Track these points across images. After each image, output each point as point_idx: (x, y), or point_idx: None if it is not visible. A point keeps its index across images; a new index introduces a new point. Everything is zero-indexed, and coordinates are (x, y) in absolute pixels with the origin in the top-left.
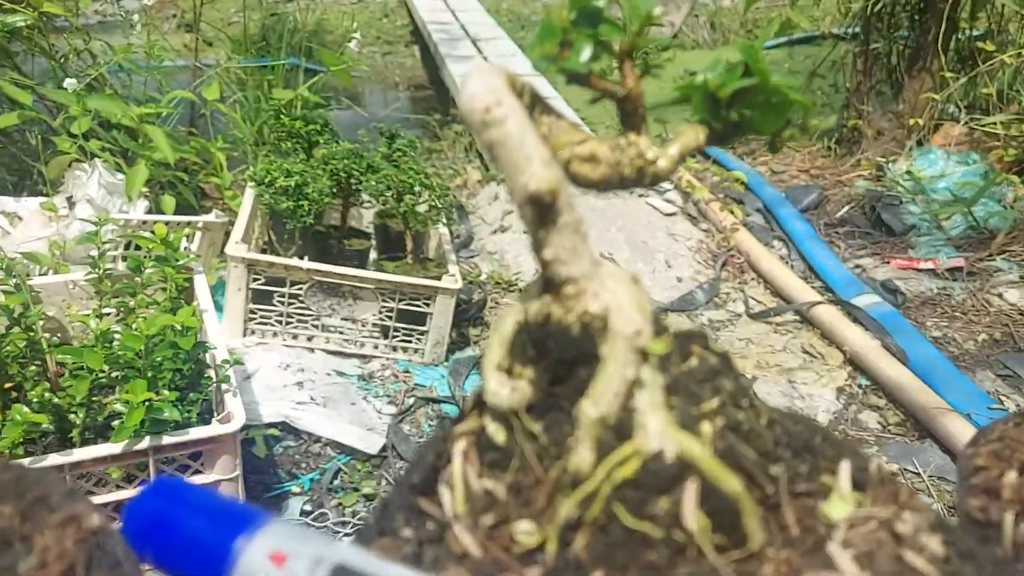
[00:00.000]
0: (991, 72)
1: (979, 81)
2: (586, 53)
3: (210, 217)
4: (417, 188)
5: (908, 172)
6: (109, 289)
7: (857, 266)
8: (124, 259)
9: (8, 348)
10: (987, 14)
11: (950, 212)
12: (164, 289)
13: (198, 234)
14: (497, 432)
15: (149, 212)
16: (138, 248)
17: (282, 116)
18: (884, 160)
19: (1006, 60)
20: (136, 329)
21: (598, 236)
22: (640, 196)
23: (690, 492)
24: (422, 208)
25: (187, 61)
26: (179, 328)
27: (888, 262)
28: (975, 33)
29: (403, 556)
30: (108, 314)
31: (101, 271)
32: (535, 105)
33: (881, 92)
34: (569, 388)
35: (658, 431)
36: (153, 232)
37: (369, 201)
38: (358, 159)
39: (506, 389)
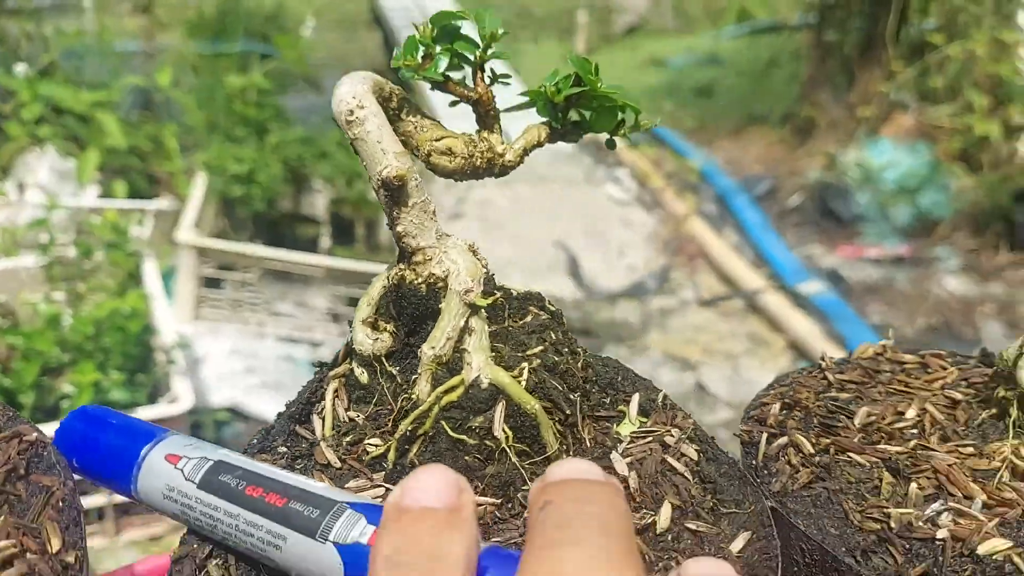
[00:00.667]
0: (940, 64)
1: (929, 73)
2: (443, 64)
3: (161, 203)
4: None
5: (858, 162)
6: (59, 274)
7: (805, 254)
8: (75, 244)
9: None
10: (939, 7)
11: (897, 201)
12: (114, 274)
13: (149, 220)
14: (362, 375)
15: (101, 198)
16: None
17: (235, 103)
18: (832, 149)
19: (951, 53)
20: (85, 313)
21: (552, 224)
22: (596, 185)
23: (499, 411)
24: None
25: (141, 45)
26: (127, 312)
27: (835, 250)
28: (927, 26)
29: (277, 465)
30: (58, 300)
31: (51, 257)
32: (402, 107)
33: (835, 83)
34: (420, 338)
35: (479, 366)
36: (103, 218)
37: (320, 188)
38: (310, 145)
39: (370, 340)
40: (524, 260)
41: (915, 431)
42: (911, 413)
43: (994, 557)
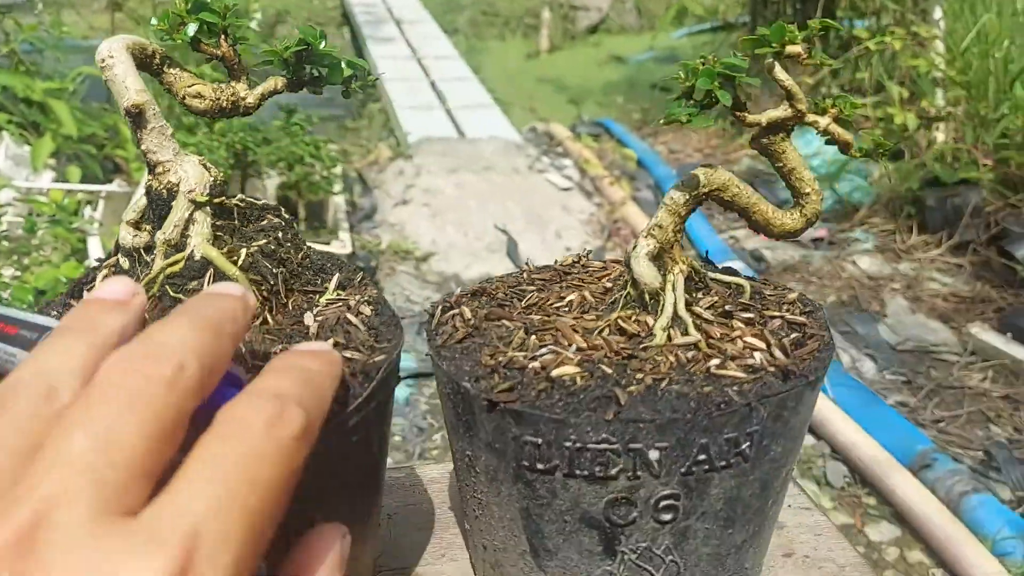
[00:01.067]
0: (866, 58)
1: (852, 66)
2: (192, 29)
3: (112, 187)
4: (308, 159)
5: None
6: (5, 250)
7: (732, 237)
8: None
9: None
10: (866, 5)
11: (820, 187)
12: (57, 248)
13: (101, 203)
14: (124, 263)
15: (55, 183)
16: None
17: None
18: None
19: (870, 47)
20: (25, 282)
21: (495, 209)
22: (539, 172)
23: (208, 276)
24: (316, 178)
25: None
26: (65, 281)
27: (759, 233)
28: (857, 23)
29: None
30: (7, 273)
31: None
32: (164, 63)
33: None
34: None
35: (196, 245)
36: (48, 197)
37: (268, 173)
38: (254, 132)
39: (131, 236)
40: (467, 243)
41: (566, 308)
42: (570, 297)
43: (563, 377)
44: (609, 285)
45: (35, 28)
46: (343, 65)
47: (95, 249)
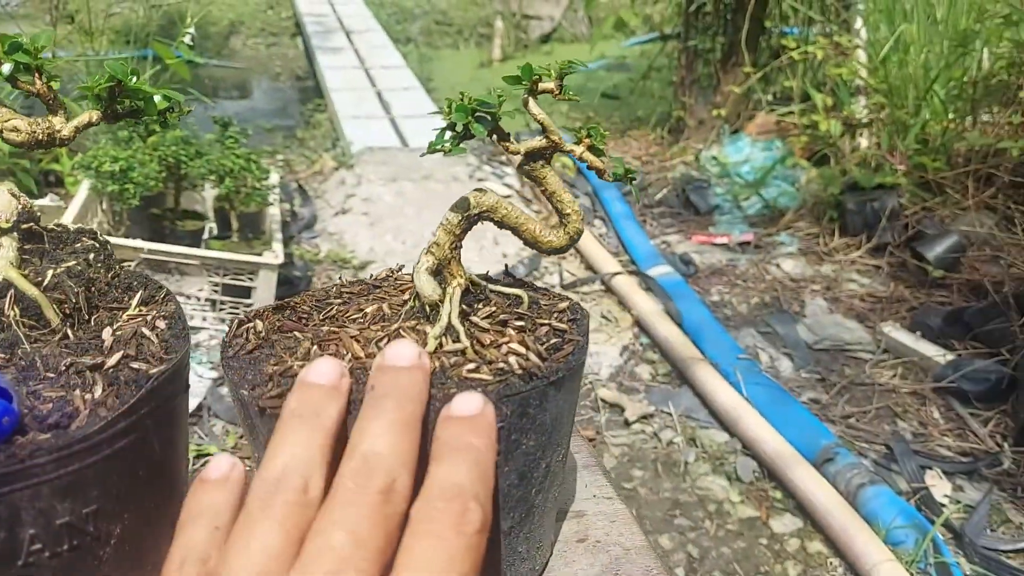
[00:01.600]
0: (792, 67)
1: (784, 75)
2: (7, 68)
3: (44, 201)
4: (239, 172)
5: (715, 157)
6: None
7: (664, 242)
8: None
9: None
10: (794, 15)
11: (747, 193)
12: None
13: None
14: None
15: None
16: None
17: None
18: (700, 147)
19: (795, 57)
20: None
21: (433, 218)
22: (479, 181)
23: (9, 297)
24: (249, 190)
25: (60, 52)
26: None
27: (690, 238)
28: (786, 31)
29: None
30: None
31: None
32: None
33: (702, 85)
34: None
35: (1, 268)
36: None
37: (203, 185)
38: (187, 146)
39: None
40: (404, 251)
41: (361, 319)
42: (370, 309)
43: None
44: (406, 298)
45: None
46: (156, 100)
47: None
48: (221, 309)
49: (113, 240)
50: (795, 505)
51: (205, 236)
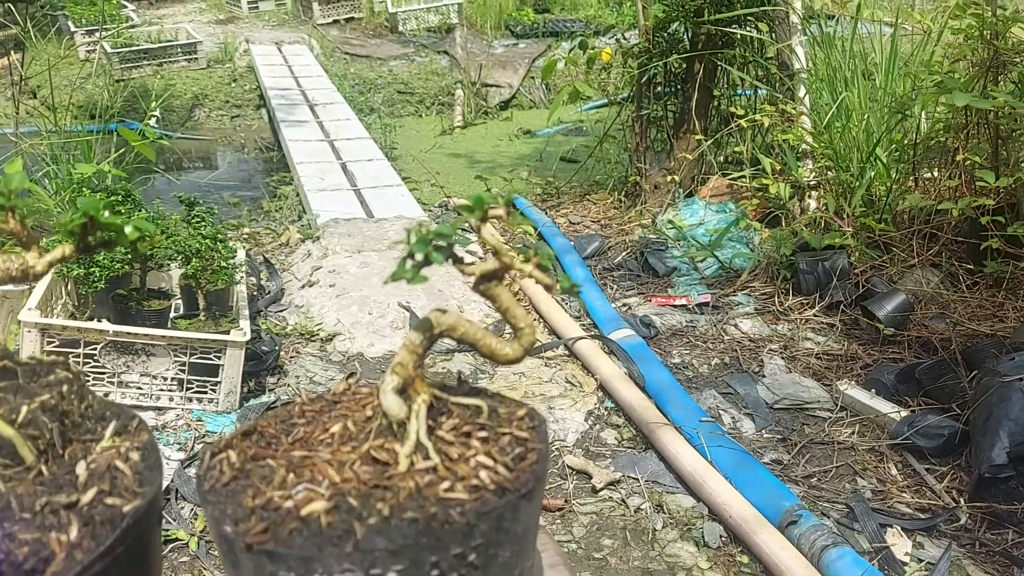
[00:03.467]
0: (742, 133)
1: (734, 140)
2: None
3: (8, 287)
4: (206, 252)
5: (670, 221)
6: None
7: (624, 304)
8: None
9: None
10: (741, 83)
11: (703, 255)
12: None
13: None
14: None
15: None
16: None
17: (85, 189)
18: (656, 211)
19: (743, 124)
20: None
21: (398, 288)
22: None
23: None
24: (216, 268)
25: (10, 129)
26: None
27: (650, 300)
28: (736, 99)
29: None
30: None
31: None
32: None
33: (656, 151)
34: None
35: None
36: None
37: (167, 264)
38: (153, 225)
39: None
40: (370, 321)
41: (329, 440)
42: (335, 428)
43: (312, 514)
44: (369, 414)
45: None
46: (128, 231)
47: None
48: (189, 388)
49: (78, 324)
50: (762, 569)
51: (172, 315)
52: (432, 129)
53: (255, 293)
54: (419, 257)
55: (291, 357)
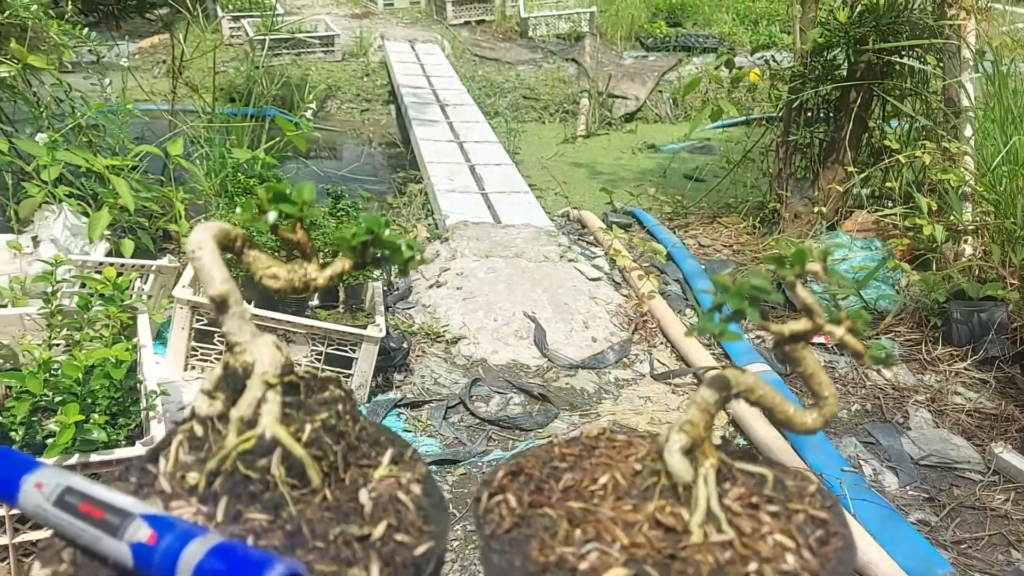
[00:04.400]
0: (896, 168)
1: (886, 175)
2: (272, 216)
3: (162, 261)
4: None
5: None
6: (59, 323)
7: (757, 336)
8: (77, 296)
9: None
10: (897, 112)
11: (846, 293)
12: (108, 325)
13: (152, 277)
14: (199, 430)
15: (109, 254)
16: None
17: (239, 174)
18: (796, 241)
19: (901, 159)
20: (76, 360)
21: (524, 296)
22: (569, 261)
23: (276, 456)
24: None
25: (167, 106)
26: (114, 360)
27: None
28: (888, 130)
29: (126, 491)
30: (58, 345)
31: (52, 306)
32: (244, 246)
33: (799, 179)
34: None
35: (267, 425)
36: (103, 274)
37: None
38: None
39: (206, 405)
40: (495, 328)
41: (601, 492)
42: (603, 479)
43: None
44: (638, 467)
45: (101, 106)
46: (403, 248)
47: (144, 328)
48: None
49: None
50: None
51: (313, 303)
52: (554, 136)
53: (385, 288)
54: (730, 310)
55: (416, 356)
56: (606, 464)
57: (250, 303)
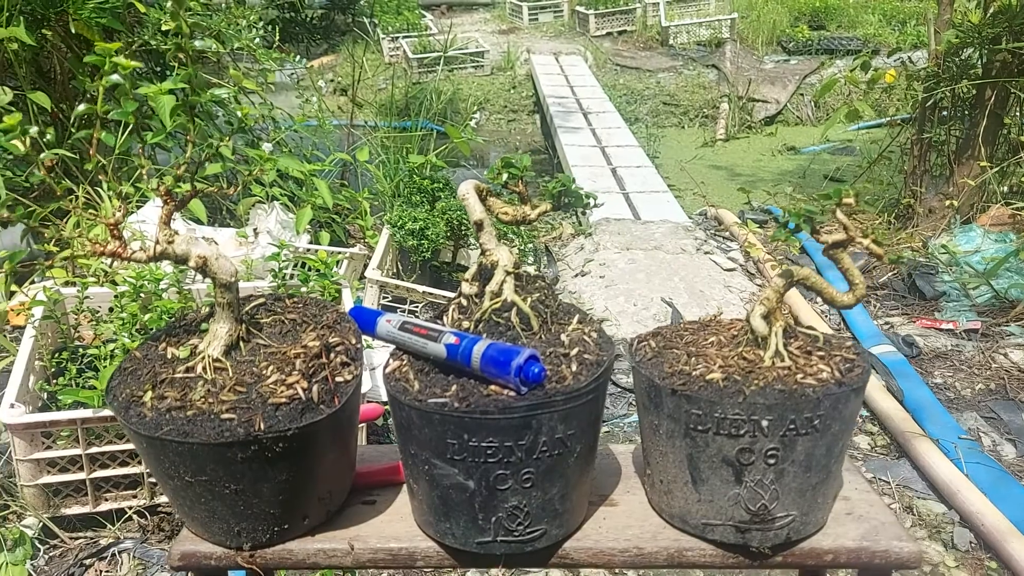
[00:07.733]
0: None
1: (1020, 171)
2: (504, 177)
3: (355, 249)
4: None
5: (944, 246)
6: (284, 294)
7: (887, 323)
8: (294, 275)
9: None
10: None
11: (977, 282)
12: (323, 294)
13: (344, 261)
14: (463, 302)
15: (310, 243)
16: (304, 267)
17: (414, 176)
18: (929, 235)
19: None
20: None
21: (661, 284)
22: (705, 254)
23: (514, 312)
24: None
25: (342, 121)
26: None
27: (915, 321)
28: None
29: (431, 321)
30: None
31: (281, 280)
32: (487, 195)
33: (934, 175)
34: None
35: (508, 293)
36: (317, 256)
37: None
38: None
39: (468, 288)
40: (635, 312)
41: (708, 345)
42: (711, 339)
43: (713, 379)
44: (734, 333)
45: (303, 120)
46: (583, 195)
47: (347, 299)
48: None
49: (405, 284)
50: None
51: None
52: (693, 140)
53: None
54: (793, 225)
55: None
56: (715, 333)
57: (420, 282)
